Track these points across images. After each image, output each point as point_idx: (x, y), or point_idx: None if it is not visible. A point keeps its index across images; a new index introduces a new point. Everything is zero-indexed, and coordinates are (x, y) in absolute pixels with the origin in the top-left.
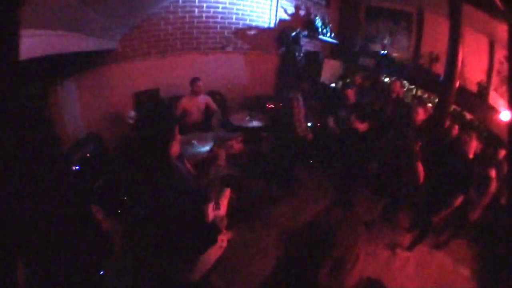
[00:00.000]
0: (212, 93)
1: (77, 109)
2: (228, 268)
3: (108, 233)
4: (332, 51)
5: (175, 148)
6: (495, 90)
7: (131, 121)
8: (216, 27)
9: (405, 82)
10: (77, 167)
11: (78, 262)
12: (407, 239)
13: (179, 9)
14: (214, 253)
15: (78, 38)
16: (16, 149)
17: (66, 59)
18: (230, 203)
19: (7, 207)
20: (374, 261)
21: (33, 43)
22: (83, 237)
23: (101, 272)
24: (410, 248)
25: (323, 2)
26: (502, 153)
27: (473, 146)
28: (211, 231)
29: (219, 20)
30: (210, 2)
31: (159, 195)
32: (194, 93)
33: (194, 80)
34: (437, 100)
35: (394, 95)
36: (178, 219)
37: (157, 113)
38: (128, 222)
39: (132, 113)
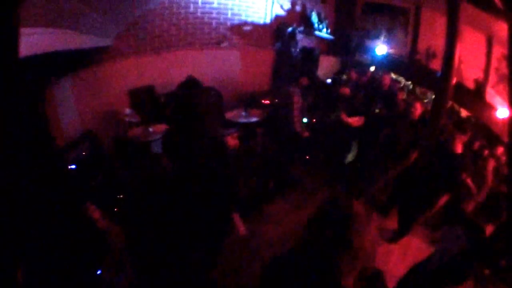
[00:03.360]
0: (207, 90)
1: (72, 107)
2: (228, 264)
3: (105, 232)
4: (328, 47)
5: None
6: (492, 87)
7: (126, 119)
8: (211, 23)
9: (401, 78)
10: (73, 166)
11: (75, 262)
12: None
13: (174, 5)
14: None
15: (73, 36)
16: (12, 148)
17: (62, 56)
18: None
19: (3, 207)
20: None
21: (29, 41)
22: (80, 236)
23: (98, 272)
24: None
25: None
26: (500, 149)
27: (460, 144)
28: None
29: (214, 15)
30: None
31: None
32: None
33: None
34: (433, 96)
35: (385, 89)
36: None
37: None
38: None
39: (128, 111)
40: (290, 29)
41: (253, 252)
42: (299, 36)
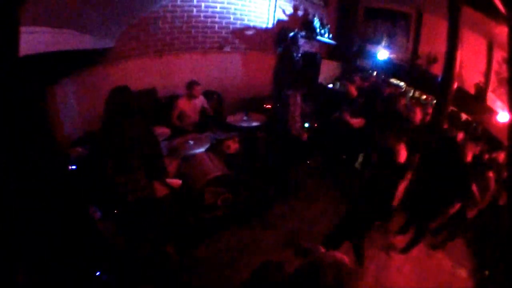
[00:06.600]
0: (209, 93)
1: (74, 107)
2: (227, 269)
3: (105, 233)
4: (330, 51)
5: None
6: (493, 91)
7: None
8: (214, 27)
9: (402, 83)
10: (73, 167)
11: (75, 263)
12: (400, 241)
13: (178, 8)
14: None
15: (75, 36)
16: (12, 148)
17: (64, 56)
18: (227, 204)
19: (4, 207)
20: (371, 262)
21: (30, 41)
22: (80, 237)
23: (98, 273)
24: (405, 250)
25: (322, 3)
26: (502, 156)
27: (471, 153)
28: None
29: (217, 19)
30: (208, 1)
31: None
32: (192, 96)
33: (192, 84)
34: (434, 101)
35: (386, 93)
36: None
37: None
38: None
39: None
40: (292, 33)
41: (254, 256)
42: (301, 41)
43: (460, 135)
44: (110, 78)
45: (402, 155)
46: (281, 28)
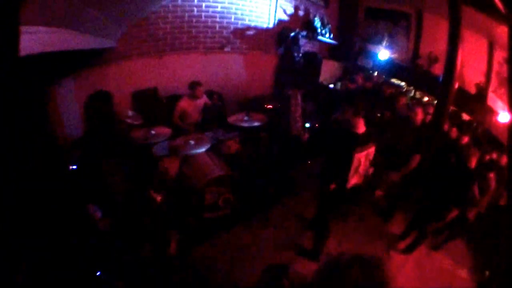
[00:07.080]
0: (210, 93)
1: (75, 107)
2: (227, 269)
3: (106, 233)
4: (331, 51)
5: None
6: (494, 91)
7: (129, 120)
8: (215, 27)
9: (403, 83)
10: (74, 166)
11: (75, 263)
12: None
13: (178, 8)
14: None
15: (76, 36)
16: (12, 148)
17: (65, 56)
18: (228, 204)
19: (4, 207)
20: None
21: (32, 40)
22: (80, 237)
23: (98, 273)
24: (405, 251)
25: (322, 3)
26: (504, 159)
27: (475, 158)
28: None
29: (218, 19)
30: (209, 1)
31: None
32: (194, 97)
33: (194, 85)
34: (435, 101)
35: (387, 93)
36: None
37: None
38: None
39: (130, 113)
40: (293, 33)
41: (254, 256)
42: (302, 41)
43: (465, 139)
44: (110, 78)
45: (360, 127)
46: (282, 28)
